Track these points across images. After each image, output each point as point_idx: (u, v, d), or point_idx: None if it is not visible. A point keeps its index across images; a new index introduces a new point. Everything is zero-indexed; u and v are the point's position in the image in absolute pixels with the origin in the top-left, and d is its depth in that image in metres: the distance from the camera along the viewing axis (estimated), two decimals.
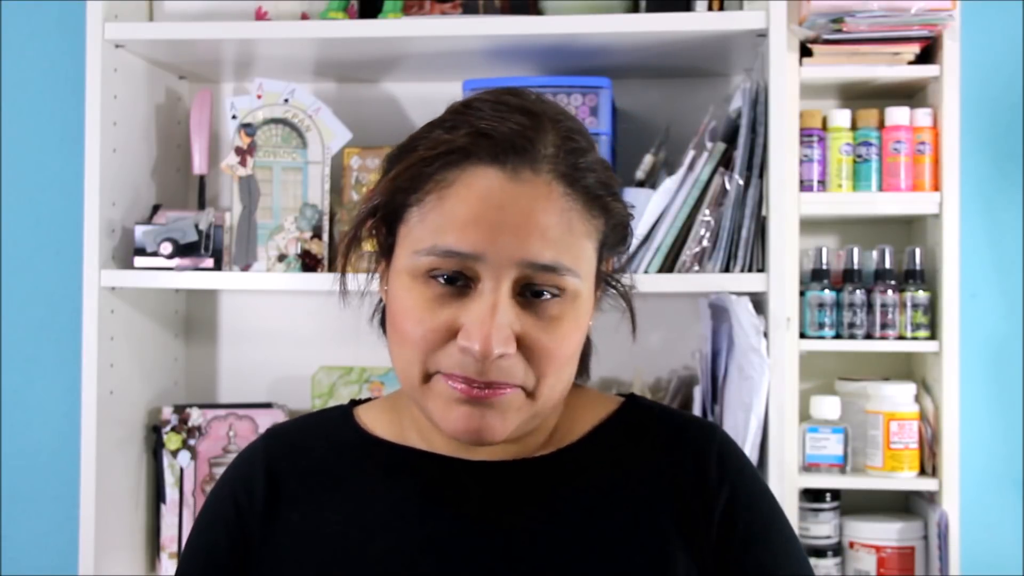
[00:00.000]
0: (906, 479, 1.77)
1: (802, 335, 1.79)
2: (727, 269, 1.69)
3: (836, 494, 1.82)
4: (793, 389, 1.71)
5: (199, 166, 1.93)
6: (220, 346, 2.09)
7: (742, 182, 1.69)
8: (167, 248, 1.83)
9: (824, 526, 1.80)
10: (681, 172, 1.72)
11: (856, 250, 1.84)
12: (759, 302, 1.69)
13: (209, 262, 1.84)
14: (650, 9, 1.75)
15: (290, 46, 1.82)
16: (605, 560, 0.94)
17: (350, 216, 1.86)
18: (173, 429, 1.91)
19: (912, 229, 1.93)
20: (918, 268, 1.81)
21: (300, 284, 1.82)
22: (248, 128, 1.85)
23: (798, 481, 1.75)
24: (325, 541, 0.97)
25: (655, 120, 1.94)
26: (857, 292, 1.79)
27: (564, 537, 0.94)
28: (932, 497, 1.77)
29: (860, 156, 1.80)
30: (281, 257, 1.84)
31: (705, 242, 1.70)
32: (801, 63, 1.77)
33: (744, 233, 1.69)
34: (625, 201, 0.97)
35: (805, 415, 1.80)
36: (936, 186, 1.77)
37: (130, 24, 1.82)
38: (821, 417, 1.78)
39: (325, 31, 1.76)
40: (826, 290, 1.80)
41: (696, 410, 1.74)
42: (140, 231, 1.84)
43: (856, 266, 1.83)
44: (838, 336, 1.80)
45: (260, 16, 1.84)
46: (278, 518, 0.99)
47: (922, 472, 1.78)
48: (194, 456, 1.91)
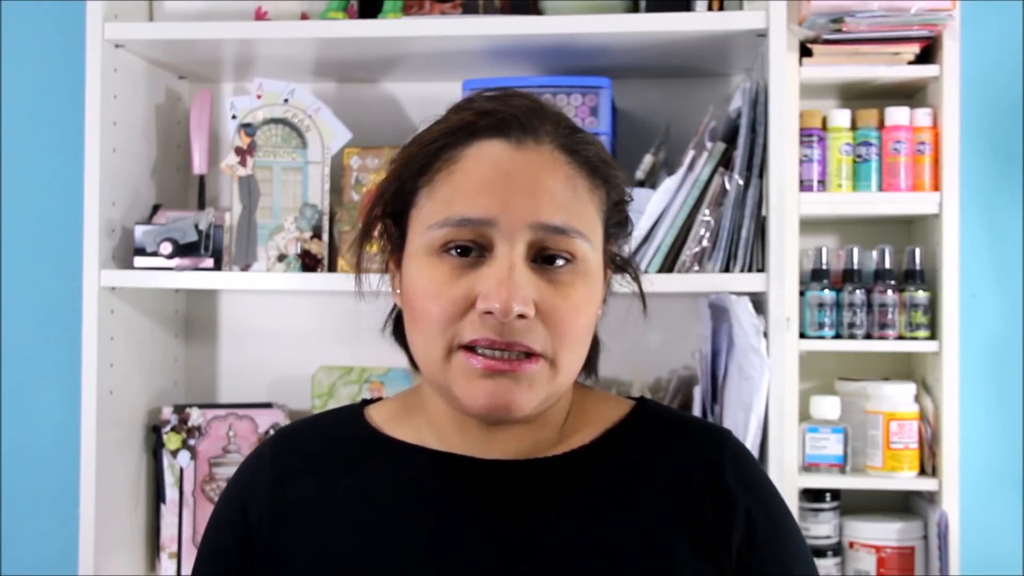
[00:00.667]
0: (906, 479, 1.77)
1: (802, 335, 1.79)
2: (727, 269, 1.69)
3: (836, 494, 1.82)
4: (793, 389, 1.71)
5: (199, 166, 1.93)
6: (220, 346, 2.09)
7: (742, 182, 1.69)
8: (167, 248, 1.83)
9: (824, 526, 1.80)
10: (681, 172, 1.72)
11: (856, 250, 1.84)
12: (759, 302, 1.69)
13: (209, 262, 1.84)
14: (650, 9, 1.75)
15: (290, 46, 1.82)
16: (615, 562, 0.94)
17: (350, 216, 1.86)
18: (173, 429, 1.91)
19: (912, 229, 1.93)
20: (918, 268, 1.81)
21: (300, 284, 1.82)
22: (248, 128, 1.85)
23: (798, 481, 1.75)
24: (336, 542, 0.97)
25: (655, 120, 1.94)
26: (857, 292, 1.79)
27: (575, 538, 0.95)
28: (932, 497, 1.77)
29: (860, 156, 1.80)
30: (281, 257, 1.84)
31: (705, 242, 1.70)
32: (801, 63, 1.77)
33: (744, 233, 1.68)
34: (622, 173, 1.00)
35: (805, 415, 1.80)
36: (936, 186, 1.77)
37: (130, 24, 1.82)
38: (821, 417, 1.78)
39: (325, 31, 1.76)
40: (826, 290, 1.80)
41: (696, 410, 1.74)
42: (140, 231, 1.84)
43: (856, 266, 1.83)
44: (838, 336, 1.80)
45: (260, 16, 1.84)
46: (287, 520, 0.99)
47: (922, 472, 1.78)
48: (194, 456, 1.91)
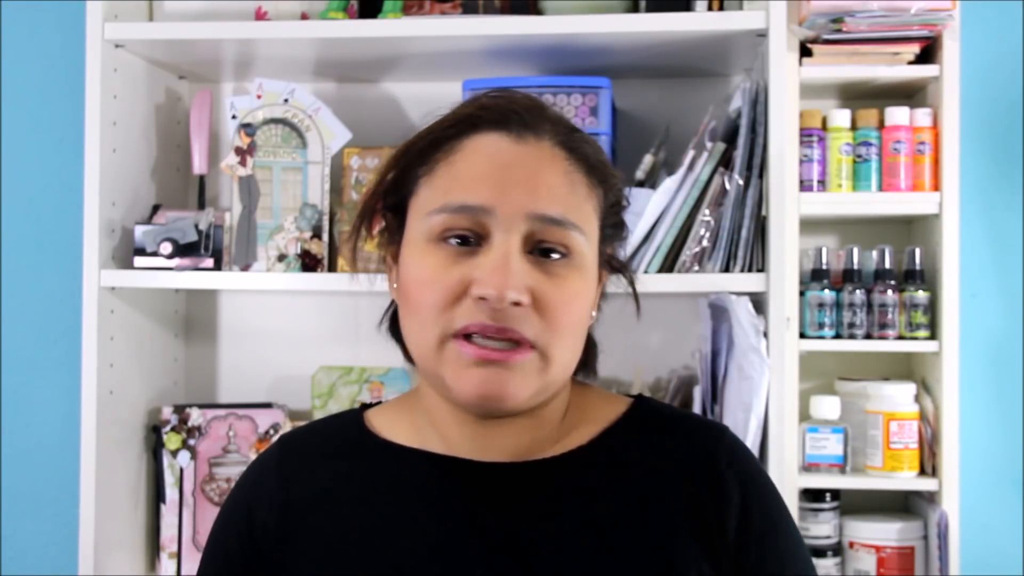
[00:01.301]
0: (906, 479, 1.77)
1: (802, 335, 1.79)
2: (727, 269, 1.69)
3: (836, 494, 1.81)
4: (793, 389, 1.71)
5: (199, 166, 1.93)
6: (220, 346, 2.09)
7: (742, 182, 1.69)
8: (167, 248, 1.83)
9: (824, 526, 1.80)
10: (681, 172, 1.72)
11: (856, 250, 1.83)
12: (759, 302, 1.69)
13: (209, 262, 1.84)
14: (650, 9, 1.75)
15: (290, 46, 1.82)
16: (617, 562, 0.94)
17: (350, 216, 1.86)
18: (173, 429, 1.91)
19: (912, 229, 1.93)
20: (918, 268, 1.80)
21: (300, 284, 1.82)
22: (248, 128, 1.85)
23: (798, 481, 1.75)
24: (339, 547, 0.97)
25: (655, 120, 1.94)
26: (857, 292, 1.79)
27: (576, 539, 0.95)
28: (932, 497, 1.77)
29: (860, 156, 1.80)
30: (281, 257, 1.84)
31: (705, 242, 1.70)
32: (801, 63, 1.77)
33: (744, 233, 1.68)
34: (620, 175, 1.01)
35: (805, 415, 1.80)
36: (936, 186, 1.77)
37: (130, 24, 1.82)
38: (821, 417, 1.78)
39: (325, 31, 1.76)
40: (826, 290, 1.80)
41: (696, 410, 1.74)
42: (140, 231, 1.84)
43: (856, 266, 1.83)
44: (838, 336, 1.80)
45: (260, 16, 1.84)
46: (292, 525, 0.99)
47: (922, 472, 1.78)
48: (194, 456, 1.91)
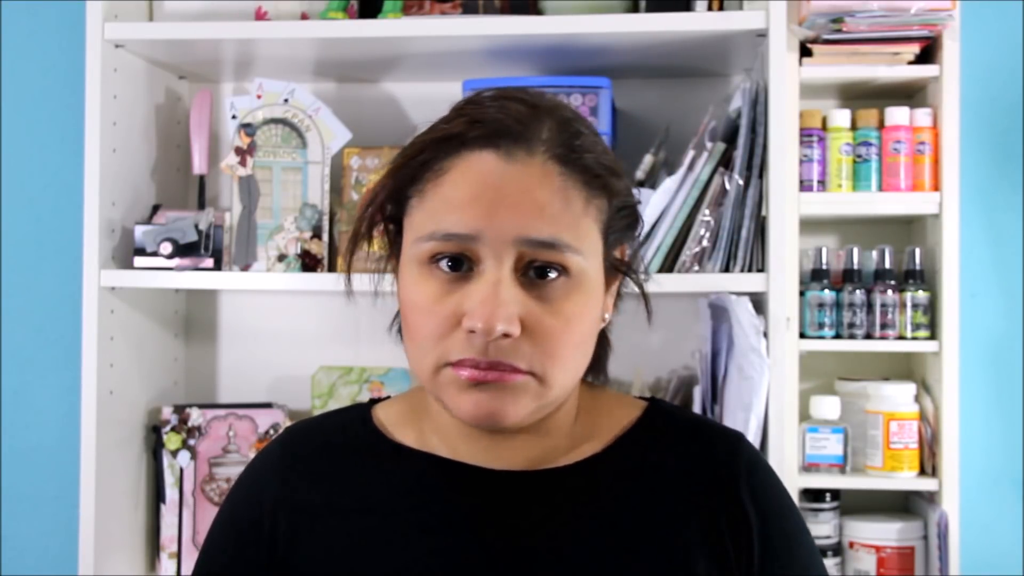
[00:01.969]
0: (906, 479, 1.77)
1: (802, 335, 1.79)
2: (727, 269, 1.69)
3: (836, 494, 1.82)
4: (793, 389, 1.71)
5: (199, 166, 1.93)
6: (220, 346, 2.09)
7: (742, 182, 1.69)
8: (167, 248, 1.83)
9: (824, 526, 1.80)
10: (681, 172, 1.72)
11: (856, 250, 1.84)
12: (759, 302, 1.69)
13: (209, 262, 1.84)
14: (650, 9, 1.75)
15: (290, 46, 1.82)
16: (629, 572, 0.93)
17: (350, 216, 1.86)
18: (173, 429, 1.91)
19: (912, 229, 1.93)
20: (918, 268, 1.81)
21: (300, 284, 1.82)
22: (248, 128, 1.85)
23: (798, 481, 1.75)
24: (342, 547, 0.96)
25: (655, 120, 1.94)
26: (857, 292, 1.79)
27: (587, 548, 0.94)
28: (932, 497, 1.77)
29: (860, 156, 1.80)
30: (281, 257, 1.84)
31: (705, 242, 1.70)
32: (801, 63, 1.77)
33: (744, 233, 1.68)
34: (628, 182, 0.96)
35: (805, 415, 1.80)
36: (936, 186, 1.77)
37: (130, 24, 1.82)
38: (821, 417, 1.78)
39: (325, 31, 1.76)
40: (826, 290, 1.80)
41: (696, 410, 1.74)
42: (140, 231, 1.84)
43: (856, 266, 1.83)
44: (838, 336, 1.80)
45: (260, 16, 1.84)
46: (294, 524, 0.98)
47: (922, 472, 1.78)
48: (194, 456, 1.91)
